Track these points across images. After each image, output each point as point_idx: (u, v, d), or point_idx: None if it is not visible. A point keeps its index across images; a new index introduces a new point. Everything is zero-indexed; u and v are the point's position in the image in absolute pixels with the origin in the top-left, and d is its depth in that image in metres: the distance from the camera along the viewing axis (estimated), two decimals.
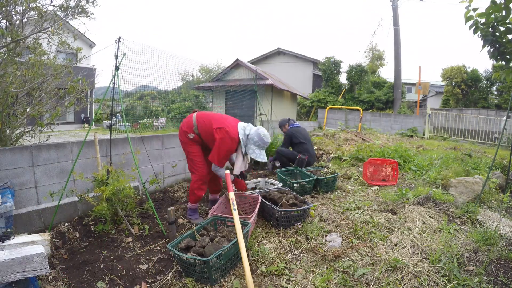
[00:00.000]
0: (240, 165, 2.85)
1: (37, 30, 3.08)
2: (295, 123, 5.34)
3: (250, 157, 2.89)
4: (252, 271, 2.13)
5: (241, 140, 2.79)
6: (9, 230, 2.20)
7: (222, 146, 2.70)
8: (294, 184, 3.84)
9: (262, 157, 2.82)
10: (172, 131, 11.34)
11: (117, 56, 3.05)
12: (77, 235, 2.64)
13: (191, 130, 2.87)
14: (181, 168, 4.45)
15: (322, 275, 2.07)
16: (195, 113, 2.93)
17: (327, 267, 2.18)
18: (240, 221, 2.29)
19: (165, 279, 2.07)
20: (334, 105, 14.28)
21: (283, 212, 2.75)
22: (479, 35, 2.67)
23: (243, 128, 2.84)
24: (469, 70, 15.23)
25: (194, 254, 2.03)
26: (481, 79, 15.07)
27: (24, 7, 3.06)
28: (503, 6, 2.43)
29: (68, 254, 2.36)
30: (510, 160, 3.45)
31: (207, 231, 2.43)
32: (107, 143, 3.27)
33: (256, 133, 2.80)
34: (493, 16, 2.54)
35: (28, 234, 2.37)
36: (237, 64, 13.13)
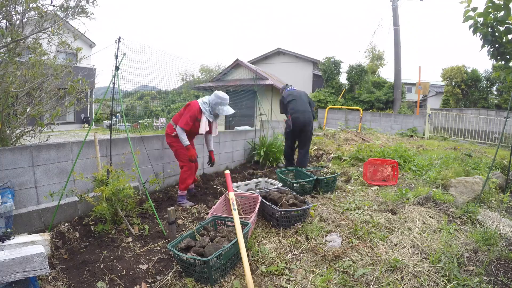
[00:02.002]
0: (204, 126, 3.53)
1: (37, 30, 3.08)
2: (291, 87, 5.19)
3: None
4: (252, 271, 2.12)
5: (202, 108, 3.52)
6: (9, 230, 2.20)
7: (186, 113, 3.45)
8: (294, 184, 3.84)
9: (230, 110, 3.64)
10: None
11: (117, 56, 3.05)
12: (77, 235, 2.64)
13: (173, 130, 3.55)
14: None
15: (322, 275, 2.07)
16: (171, 120, 3.68)
17: (327, 267, 2.18)
18: (240, 221, 2.29)
19: (165, 279, 2.07)
20: (334, 105, 14.28)
21: (283, 212, 2.75)
22: (479, 35, 2.67)
23: (201, 99, 3.60)
24: (469, 70, 15.23)
25: (194, 254, 2.03)
26: (481, 79, 15.07)
27: (24, 7, 3.05)
28: (502, 5, 2.43)
29: (68, 254, 2.36)
30: (510, 160, 3.45)
31: (207, 231, 2.43)
32: (107, 143, 3.27)
33: (215, 95, 3.56)
34: (492, 16, 2.54)
35: (28, 234, 2.37)
36: (237, 64, 13.13)
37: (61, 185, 2.89)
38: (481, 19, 2.62)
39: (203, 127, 3.50)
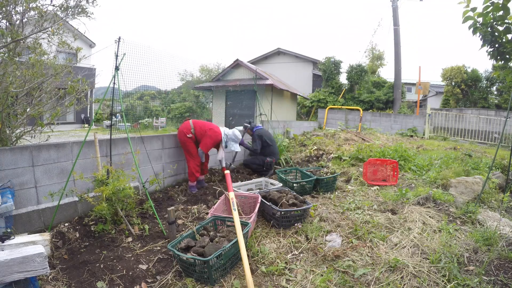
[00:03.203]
0: (221, 153, 4.31)
1: (37, 30, 3.07)
2: (258, 125, 5.45)
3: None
4: (252, 271, 2.13)
5: (222, 138, 4.23)
6: (9, 230, 2.21)
7: (211, 140, 4.08)
8: (294, 184, 3.84)
9: (237, 148, 4.41)
10: (172, 131, 11.33)
11: (117, 56, 3.05)
12: (77, 235, 2.64)
13: (189, 131, 4.02)
14: (181, 168, 4.45)
15: (322, 275, 2.07)
16: (191, 120, 4.14)
17: (327, 267, 2.18)
18: (240, 221, 2.29)
19: (165, 279, 2.07)
20: (334, 105, 14.28)
21: (283, 212, 2.75)
22: (479, 35, 2.67)
23: (223, 131, 4.29)
24: (469, 70, 15.22)
25: (194, 254, 2.04)
26: (481, 79, 15.06)
27: (24, 7, 3.05)
28: (500, 5, 2.43)
29: (68, 254, 2.36)
30: (510, 160, 3.45)
31: (207, 231, 2.43)
32: (107, 143, 3.26)
33: (233, 133, 4.32)
34: (491, 15, 2.54)
35: (28, 234, 2.37)
36: (237, 64, 13.12)
37: (61, 185, 2.89)
38: (480, 19, 2.62)
39: (220, 154, 4.30)
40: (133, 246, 2.51)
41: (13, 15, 3.03)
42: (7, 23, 3.00)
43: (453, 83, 15.48)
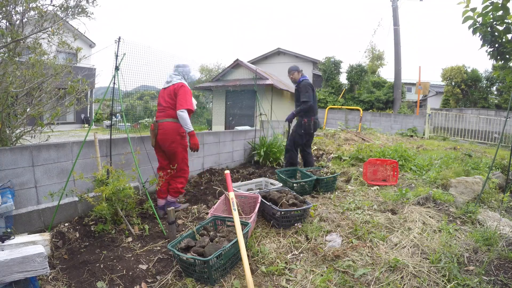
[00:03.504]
0: (194, 101, 3.36)
1: (37, 30, 3.08)
2: (305, 75, 4.62)
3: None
4: (252, 271, 2.13)
5: (184, 80, 3.31)
6: (9, 230, 2.21)
7: (184, 94, 3.08)
8: (294, 184, 3.84)
9: (196, 75, 3.79)
10: None
11: (117, 56, 3.06)
12: (77, 235, 2.64)
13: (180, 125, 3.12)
14: None
15: (322, 275, 2.07)
16: (158, 120, 3.23)
17: (327, 267, 2.18)
18: (240, 221, 2.29)
19: (165, 279, 2.07)
20: (334, 105, 14.29)
21: (283, 212, 2.75)
22: (479, 35, 2.67)
23: (177, 79, 3.26)
24: (469, 70, 15.23)
25: (194, 254, 2.03)
26: (481, 79, 15.08)
27: (24, 7, 3.05)
28: (500, 5, 2.43)
29: (68, 254, 2.36)
30: (510, 160, 3.45)
31: (207, 231, 2.43)
32: (107, 143, 3.27)
33: (182, 67, 3.37)
34: (491, 15, 2.54)
35: (28, 234, 2.37)
36: (237, 64, 13.13)
37: (61, 185, 2.89)
38: (480, 19, 2.62)
39: (194, 102, 3.32)
40: (133, 246, 2.51)
41: (13, 15, 3.03)
42: (7, 23, 3.00)
43: (453, 83, 15.49)
